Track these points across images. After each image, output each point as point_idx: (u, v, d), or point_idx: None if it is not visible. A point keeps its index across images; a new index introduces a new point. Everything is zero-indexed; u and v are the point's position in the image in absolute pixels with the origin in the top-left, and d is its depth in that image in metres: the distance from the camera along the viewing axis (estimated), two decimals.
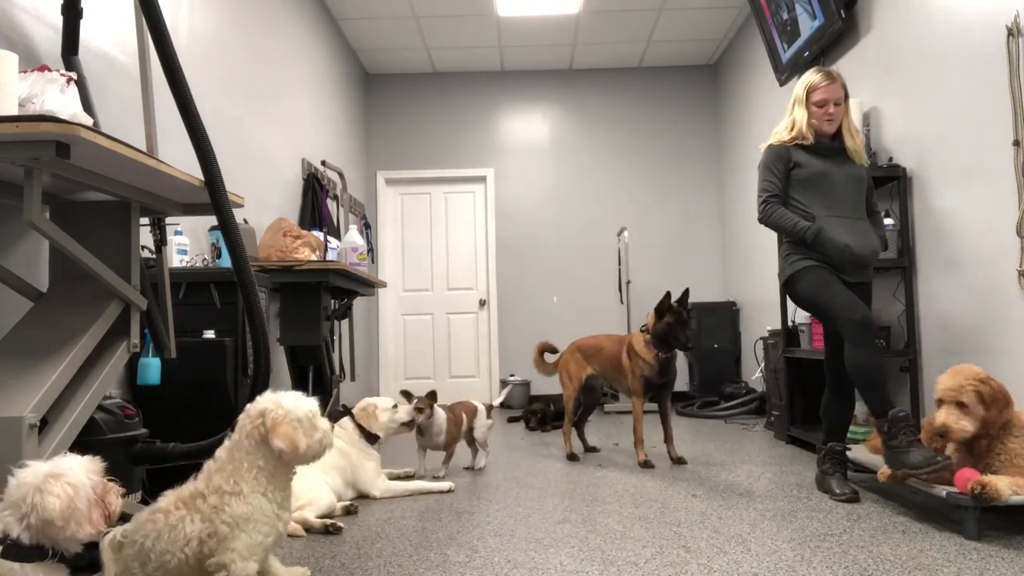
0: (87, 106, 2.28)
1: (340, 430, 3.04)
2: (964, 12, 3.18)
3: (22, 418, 1.71)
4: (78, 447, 1.83)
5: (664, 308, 3.62)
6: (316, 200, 5.13)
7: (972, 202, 3.16)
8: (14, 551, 1.46)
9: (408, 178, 7.18)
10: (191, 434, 2.46)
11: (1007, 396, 2.37)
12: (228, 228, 2.21)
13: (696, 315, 6.38)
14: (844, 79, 3.01)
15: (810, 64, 4.60)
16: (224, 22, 3.91)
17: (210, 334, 2.78)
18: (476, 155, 7.15)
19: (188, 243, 3.14)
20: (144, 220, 2.35)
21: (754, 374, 5.73)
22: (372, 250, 6.78)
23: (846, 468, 2.99)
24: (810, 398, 4.10)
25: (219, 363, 2.74)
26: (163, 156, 2.37)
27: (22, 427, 1.70)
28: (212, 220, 3.40)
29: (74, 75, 2.10)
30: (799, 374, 4.19)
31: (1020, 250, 2.84)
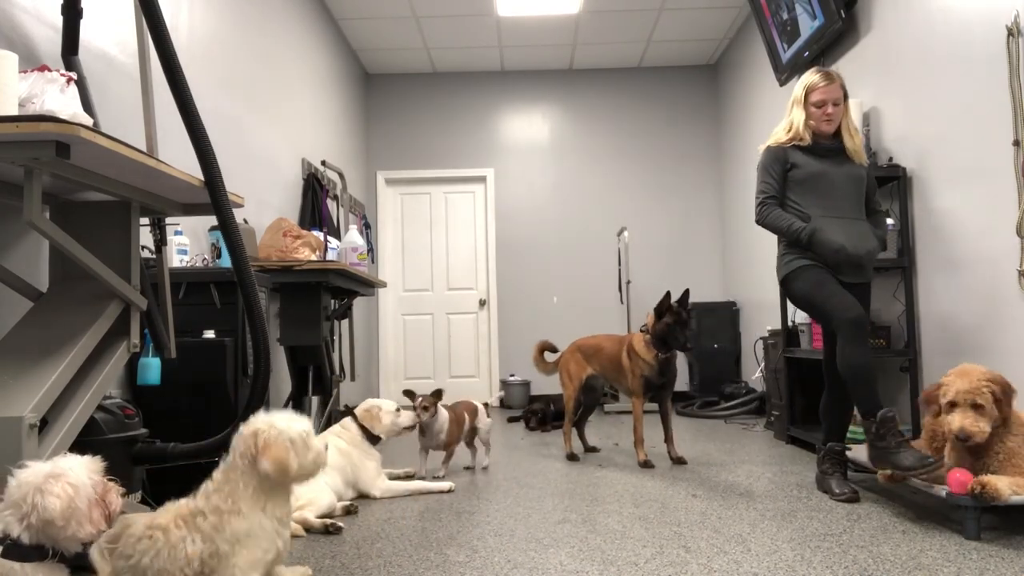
0: (87, 106, 2.28)
1: (341, 430, 3.04)
2: (964, 12, 3.18)
3: (22, 418, 1.71)
4: (78, 447, 1.83)
5: (664, 308, 3.62)
6: (316, 200, 5.14)
7: (972, 202, 3.17)
8: (14, 551, 1.46)
9: (408, 178, 7.18)
10: (191, 434, 2.46)
11: (1013, 389, 2.36)
12: (228, 228, 2.21)
13: (696, 315, 6.38)
14: (843, 79, 3.01)
15: (810, 64, 4.60)
16: (224, 22, 3.91)
17: (210, 334, 2.78)
18: (476, 155, 7.15)
19: (188, 243, 3.14)
20: (144, 220, 2.35)
21: (754, 374, 5.73)
22: (372, 250, 6.78)
23: (846, 468, 2.99)
24: (810, 398, 4.10)
25: (219, 363, 2.74)
26: (163, 156, 2.37)
27: (22, 427, 1.70)
28: (212, 220, 3.40)
29: (74, 75, 2.10)
30: (799, 374, 4.19)
31: (1020, 250, 2.84)
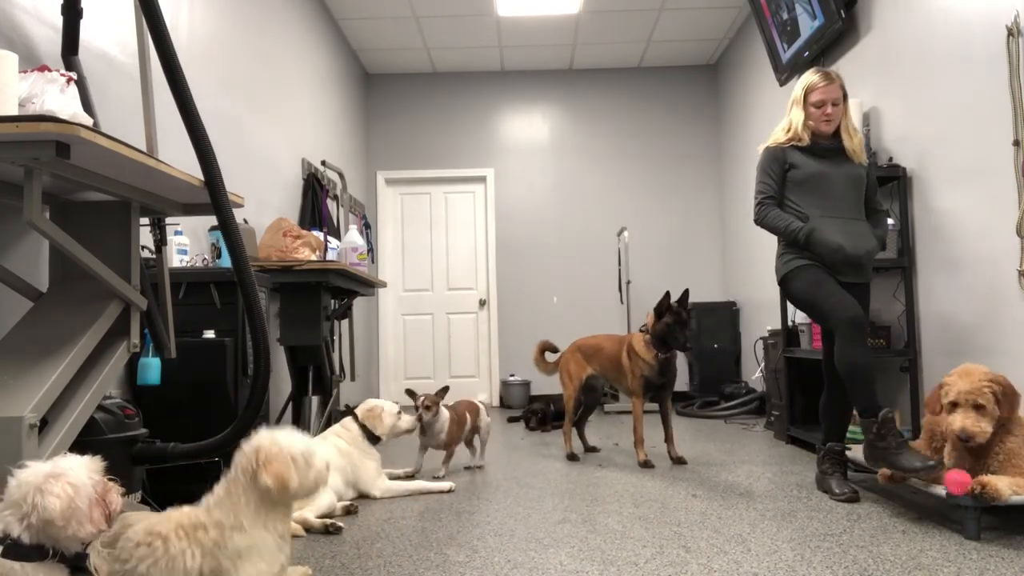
0: (87, 106, 2.28)
1: (342, 430, 3.05)
2: (964, 12, 3.18)
3: (22, 418, 1.71)
4: (78, 447, 1.83)
5: (663, 308, 3.62)
6: (316, 200, 5.13)
7: (972, 202, 3.17)
8: (15, 551, 1.46)
9: (408, 178, 7.18)
10: (191, 434, 2.46)
11: (1017, 391, 2.36)
12: (228, 228, 2.21)
13: (696, 315, 6.38)
14: (843, 79, 3.01)
15: (810, 64, 4.60)
16: (224, 22, 3.91)
17: (210, 334, 2.78)
18: (476, 155, 7.15)
19: (188, 243, 3.14)
20: (144, 220, 2.35)
21: (754, 374, 5.73)
22: (372, 250, 6.78)
23: (846, 468, 2.99)
24: (810, 398, 4.10)
25: (219, 363, 2.74)
26: (163, 156, 2.37)
27: (22, 427, 1.70)
28: (212, 220, 3.40)
29: (74, 75, 2.10)
30: (799, 374, 4.19)
31: (1020, 250, 2.84)
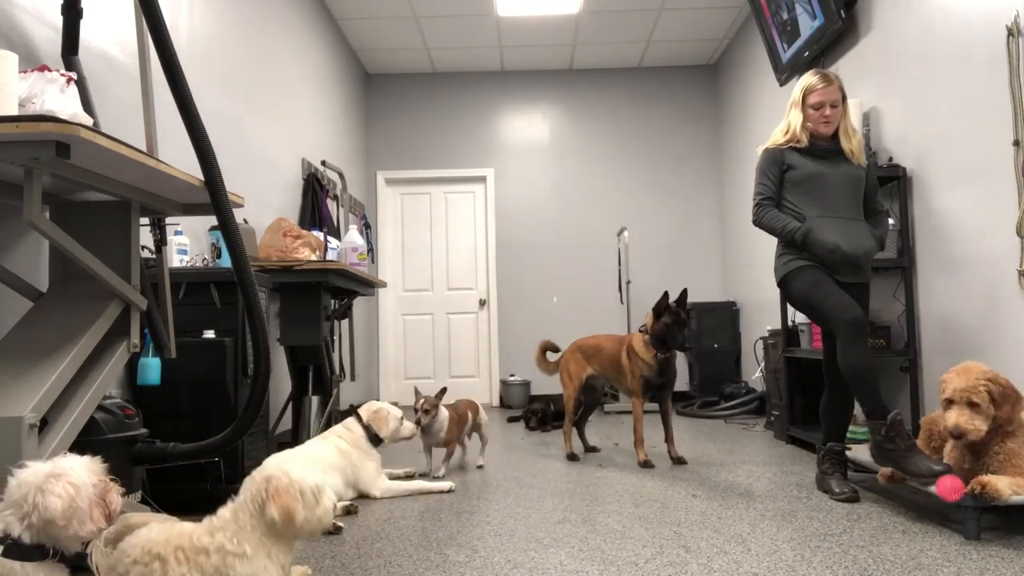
0: (87, 106, 2.28)
1: (345, 430, 3.05)
2: (964, 12, 3.18)
3: (22, 418, 1.71)
4: (78, 447, 1.83)
5: (662, 308, 3.62)
6: (316, 200, 5.13)
7: (972, 202, 3.17)
8: (15, 550, 1.46)
9: (408, 178, 7.18)
10: (191, 434, 2.46)
11: (1017, 394, 2.36)
12: (228, 228, 2.21)
13: (696, 315, 6.38)
14: (842, 81, 3.01)
15: (810, 64, 4.60)
16: (224, 22, 3.91)
17: (210, 334, 2.78)
18: (476, 155, 7.15)
19: (188, 243, 3.14)
20: (144, 220, 2.35)
21: (754, 374, 5.73)
22: (372, 250, 6.78)
23: (846, 468, 2.99)
24: (810, 398, 4.10)
25: (219, 363, 2.74)
26: (163, 156, 2.37)
27: (22, 427, 1.70)
28: (212, 220, 3.40)
29: (74, 75, 2.10)
30: (799, 374, 4.19)
31: (1020, 250, 2.84)
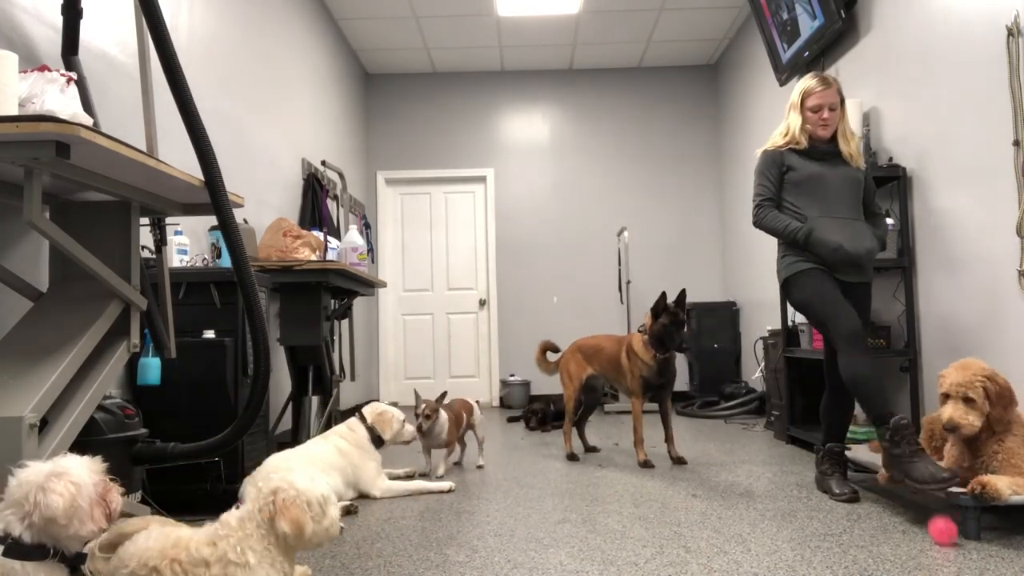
0: (87, 106, 2.28)
1: (347, 431, 3.06)
2: (964, 12, 3.18)
3: (22, 418, 1.71)
4: (78, 447, 1.83)
5: (660, 309, 3.62)
6: (316, 200, 5.13)
7: (972, 202, 3.17)
8: (16, 550, 1.45)
9: (408, 178, 7.18)
10: (191, 434, 2.46)
11: (1012, 394, 2.37)
12: (228, 228, 2.21)
13: (696, 315, 6.38)
14: (840, 85, 3.01)
15: (810, 64, 4.60)
16: (224, 22, 3.91)
17: (210, 334, 2.78)
18: (476, 155, 7.15)
19: (188, 243, 3.14)
20: (144, 220, 2.35)
21: (754, 374, 5.73)
22: (372, 250, 6.78)
23: (845, 468, 2.99)
24: (810, 398, 4.10)
25: (219, 363, 2.74)
26: (163, 156, 2.37)
27: (22, 427, 1.70)
28: (212, 220, 3.40)
29: (74, 75, 2.10)
30: (799, 374, 4.19)
31: (1020, 250, 2.84)
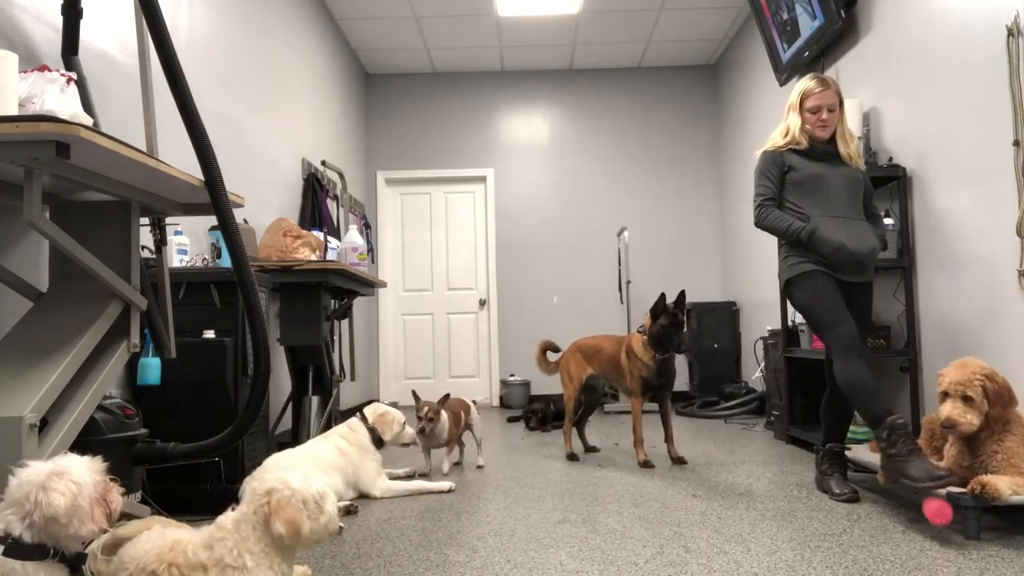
0: (87, 106, 2.28)
1: (348, 431, 3.06)
2: (964, 12, 3.18)
3: (22, 418, 1.71)
4: (78, 447, 1.83)
5: (659, 310, 3.62)
6: (316, 200, 5.13)
7: (972, 202, 3.17)
8: (16, 549, 1.45)
9: (408, 178, 7.18)
10: (191, 434, 2.46)
11: (1011, 393, 2.37)
12: (228, 228, 2.21)
13: (696, 315, 6.38)
14: (839, 86, 3.01)
15: (810, 64, 4.61)
16: (224, 22, 3.91)
17: (210, 334, 2.78)
18: (476, 155, 7.15)
19: (188, 243, 3.14)
20: (144, 220, 2.35)
21: (754, 374, 5.73)
22: (372, 250, 6.78)
23: (845, 468, 2.99)
24: (810, 398, 4.10)
25: (219, 363, 2.74)
26: (163, 156, 2.37)
27: (22, 427, 1.70)
28: (212, 220, 3.40)
29: (74, 75, 2.10)
30: (799, 374, 4.19)
31: (1020, 250, 2.84)
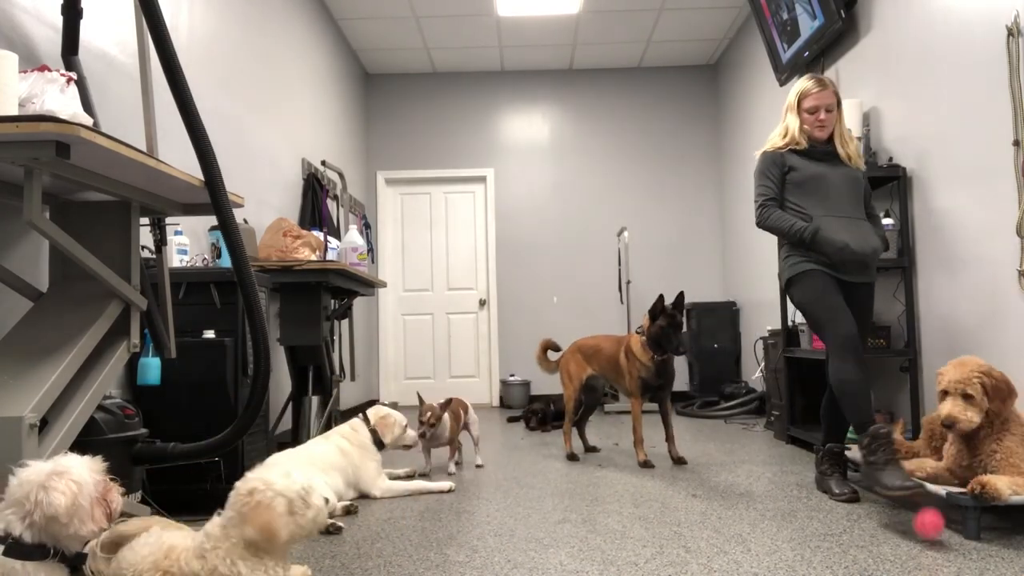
0: (87, 106, 2.28)
1: (350, 431, 3.07)
2: (964, 12, 3.18)
3: (22, 418, 1.71)
4: (78, 447, 1.83)
5: (657, 311, 3.62)
6: (316, 200, 5.13)
7: (972, 202, 3.17)
8: (16, 549, 1.46)
9: (408, 178, 7.18)
10: (191, 434, 2.46)
11: (1010, 387, 2.37)
12: (228, 228, 2.21)
13: (696, 315, 6.39)
14: (837, 86, 3.01)
15: (810, 64, 4.61)
16: (224, 22, 3.91)
17: (210, 334, 2.78)
18: (476, 155, 7.15)
19: (188, 243, 3.14)
20: (144, 220, 2.35)
21: (754, 374, 5.73)
22: (372, 250, 6.78)
23: (845, 468, 2.99)
24: (810, 398, 4.10)
25: (219, 363, 2.74)
26: (163, 156, 2.37)
27: (22, 427, 1.70)
28: (212, 220, 3.40)
29: (74, 75, 2.10)
30: (799, 374, 4.19)
31: (1020, 250, 2.84)
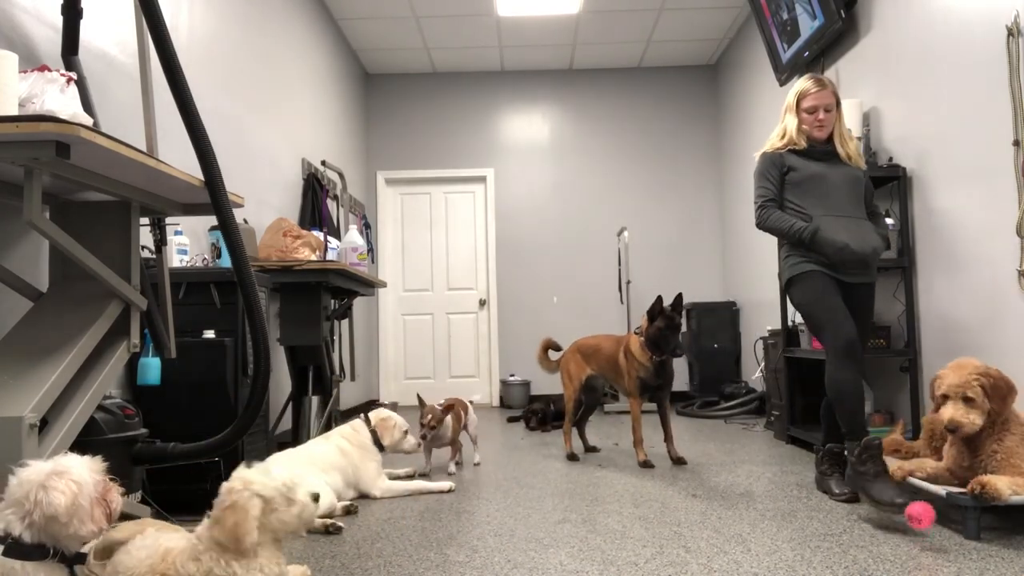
0: (87, 106, 2.28)
1: (351, 431, 3.07)
2: (964, 12, 3.18)
3: (22, 418, 1.71)
4: (78, 447, 1.83)
5: (656, 312, 3.62)
6: (316, 200, 5.13)
7: (972, 202, 3.17)
8: (16, 549, 1.45)
9: (408, 178, 7.18)
10: (191, 434, 2.46)
11: (1009, 384, 2.37)
12: (228, 228, 2.21)
13: (696, 315, 6.39)
14: (836, 86, 3.01)
15: (810, 64, 4.61)
16: (224, 22, 3.91)
17: (210, 334, 2.78)
18: (476, 155, 7.15)
19: (188, 243, 3.14)
20: (144, 220, 2.35)
21: (754, 374, 5.73)
22: (372, 250, 6.78)
23: (845, 469, 2.98)
24: (810, 398, 4.10)
25: (219, 363, 2.74)
26: (163, 156, 2.37)
27: (22, 427, 1.70)
28: (212, 220, 3.40)
29: (74, 75, 2.10)
30: (799, 374, 4.19)
31: (1020, 250, 2.84)
